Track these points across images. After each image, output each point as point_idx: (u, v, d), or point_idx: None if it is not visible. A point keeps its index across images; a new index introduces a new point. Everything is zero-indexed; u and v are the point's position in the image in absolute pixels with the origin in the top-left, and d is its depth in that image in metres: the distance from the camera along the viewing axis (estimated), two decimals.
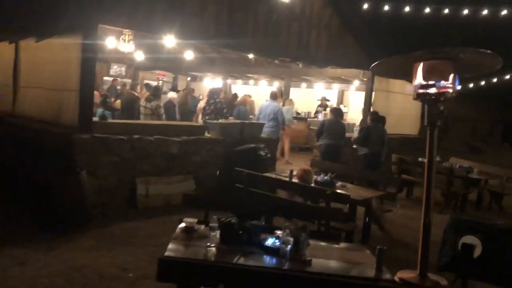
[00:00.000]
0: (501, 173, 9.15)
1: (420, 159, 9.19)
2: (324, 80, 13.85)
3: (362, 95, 11.09)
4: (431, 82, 2.95)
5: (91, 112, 6.27)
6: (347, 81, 12.94)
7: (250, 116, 11.33)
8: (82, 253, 4.74)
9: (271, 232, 3.33)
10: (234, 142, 7.45)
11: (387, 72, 3.44)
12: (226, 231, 3.25)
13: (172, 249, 2.88)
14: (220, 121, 7.82)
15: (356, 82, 12.41)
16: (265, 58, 8.81)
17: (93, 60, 6.10)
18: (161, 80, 14.47)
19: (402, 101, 11.30)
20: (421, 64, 3.02)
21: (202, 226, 3.33)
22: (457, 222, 3.60)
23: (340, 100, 14.41)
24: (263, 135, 8.61)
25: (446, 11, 12.05)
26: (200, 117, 10.04)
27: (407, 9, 11.47)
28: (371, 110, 9.52)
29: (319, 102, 13.85)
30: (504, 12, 12.12)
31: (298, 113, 14.58)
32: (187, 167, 6.90)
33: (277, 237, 3.23)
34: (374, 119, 8.52)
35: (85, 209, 5.40)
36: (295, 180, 5.91)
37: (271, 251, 3.15)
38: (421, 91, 2.96)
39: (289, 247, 3.05)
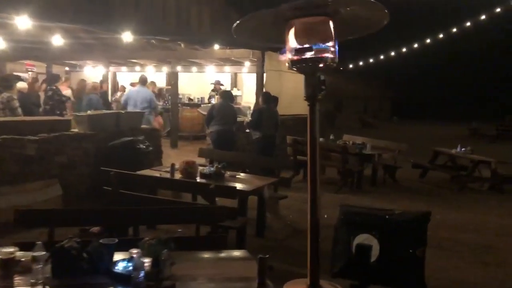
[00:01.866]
0: (392, 147, 9.22)
1: None
2: (215, 63, 13.14)
3: (255, 76, 10.56)
4: (307, 46, 2.30)
5: None
6: (238, 62, 12.35)
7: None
8: None
9: (135, 246, 2.56)
10: (108, 136, 6.45)
11: (257, 36, 2.75)
12: (59, 260, 2.40)
13: None
14: (89, 112, 6.76)
15: (248, 63, 11.86)
16: (139, 37, 7.81)
17: None
18: (31, 71, 12.68)
19: (294, 80, 10.96)
20: (295, 23, 2.37)
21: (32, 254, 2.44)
22: (348, 217, 3.06)
23: (234, 83, 13.84)
24: None
25: None
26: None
27: None
28: (263, 92, 9.00)
29: (212, 87, 13.14)
30: None
31: (190, 99, 13.75)
32: (51, 170, 5.79)
33: (131, 259, 2.47)
34: (266, 100, 7.98)
35: None
36: (178, 175, 5.16)
37: (122, 279, 2.37)
38: (295, 57, 2.31)
39: (142, 272, 2.29)
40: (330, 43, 2.37)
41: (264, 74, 10.01)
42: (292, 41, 2.37)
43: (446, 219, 6.60)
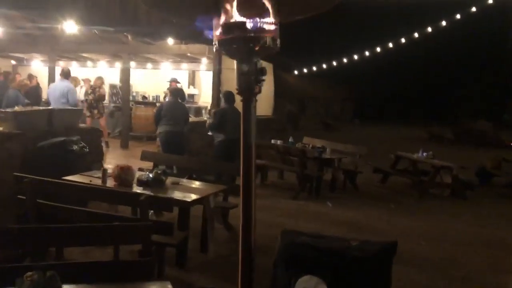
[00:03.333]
0: (353, 151, 8.84)
1: (273, 141, 8.43)
2: (171, 59, 12.44)
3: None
4: (238, 20, 1.74)
5: None
6: (195, 59, 11.71)
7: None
8: None
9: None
10: (39, 136, 5.70)
11: (175, 9, 2.14)
12: None
13: None
14: (16, 108, 5.99)
15: (205, 61, 11.23)
16: (80, 27, 7.06)
17: None
18: None
19: None
20: None
21: None
22: (291, 250, 2.40)
23: (192, 81, 13.17)
24: None
25: None
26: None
27: None
28: (224, 90, 8.39)
29: (168, 85, 12.41)
30: None
31: (145, 97, 12.99)
32: None
33: None
34: (228, 100, 7.36)
35: None
36: (111, 182, 4.51)
37: None
38: (224, 36, 1.74)
39: None
40: (269, 19, 1.83)
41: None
42: (220, 15, 1.83)
43: (408, 228, 6.22)
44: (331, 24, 29.99)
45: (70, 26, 7.71)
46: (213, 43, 1.91)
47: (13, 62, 14.86)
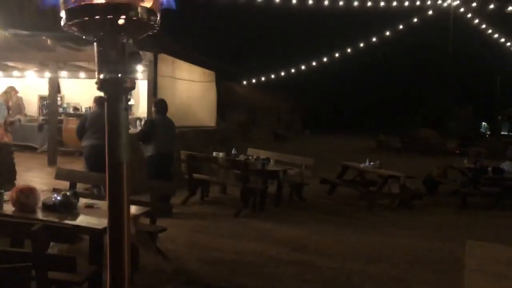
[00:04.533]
0: (299, 161, 8.41)
1: (214, 153, 7.86)
2: None
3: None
4: None
5: None
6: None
7: None
8: None
9: None
10: None
11: None
12: None
13: None
14: None
15: (140, 68, 10.47)
16: None
17: None
18: None
19: (190, 89, 9.90)
20: None
21: None
22: None
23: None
24: None
25: None
26: None
27: None
28: (155, 99, 7.75)
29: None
30: None
31: (76, 108, 12.06)
32: None
33: None
34: (159, 109, 6.71)
35: None
36: (9, 207, 3.77)
37: None
38: (73, 3, 1.15)
39: None
40: None
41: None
42: None
43: (356, 245, 5.81)
44: (278, 34, 30.05)
45: None
46: (60, 16, 1.30)
47: None
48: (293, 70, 30.59)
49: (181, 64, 9.52)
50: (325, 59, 28.41)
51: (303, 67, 30.37)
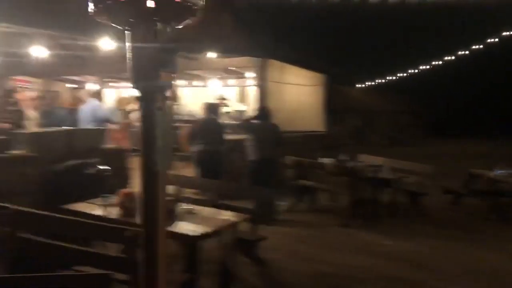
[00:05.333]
0: (417, 168, 7.64)
1: (322, 159, 7.51)
2: (219, 76, 11.94)
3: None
4: None
5: None
6: (242, 74, 11.11)
7: None
8: None
9: None
10: (57, 159, 5.27)
11: None
12: None
13: None
14: (33, 129, 5.64)
15: (251, 75, 10.54)
16: (93, 39, 6.64)
17: None
18: (22, 87, 11.81)
19: (298, 93, 9.68)
20: None
21: None
22: None
23: (241, 97, 12.58)
24: None
25: None
26: None
27: None
28: (259, 105, 7.70)
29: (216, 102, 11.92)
30: None
31: (192, 115, 12.58)
32: None
33: None
34: (261, 115, 6.64)
35: None
36: (116, 210, 3.90)
37: None
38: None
39: None
40: None
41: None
42: None
43: (478, 264, 5.04)
44: (395, 32, 28.44)
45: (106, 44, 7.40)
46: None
47: (71, 85, 15.13)
48: (412, 71, 28.81)
49: (289, 69, 9.38)
50: (446, 58, 26.31)
51: (422, 68, 28.46)
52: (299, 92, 9.73)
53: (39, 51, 8.88)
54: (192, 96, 12.80)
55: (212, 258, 3.92)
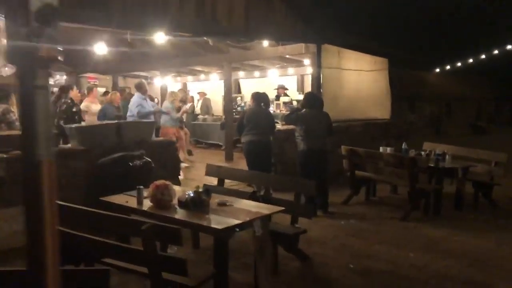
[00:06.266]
0: (488, 157, 6.93)
1: (381, 148, 7.06)
2: (278, 65, 11.71)
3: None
4: None
5: None
6: (299, 62, 10.79)
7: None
8: None
9: None
10: (106, 152, 5.38)
11: None
12: None
13: None
14: (83, 124, 5.81)
15: (308, 62, 10.18)
16: (148, 33, 6.65)
17: None
18: (93, 83, 12.45)
19: (359, 80, 9.17)
20: None
21: None
22: None
23: (300, 86, 12.26)
24: None
25: None
26: None
27: None
28: (306, 92, 7.38)
29: (275, 92, 11.73)
30: None
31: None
32: None
33: None
34: (309, 103, 6.33)
35: None
36: (147, 202, 3.86)
37: None
38: None
39: None
40: None
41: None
42: None
43: None
44: (477, 10, 26.17)
45: (159, 37, 7.48)
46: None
47: (146, 80, 15.70)
48: (496, 52, 26.45)
49: (348, 53, 8.92)
50: None
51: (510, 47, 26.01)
52: (360, 78, 9.23)
53: (102, 49, 9.26)
54: (253, 88, 12.72)
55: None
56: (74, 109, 6.73)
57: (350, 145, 6.99)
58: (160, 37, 7.44)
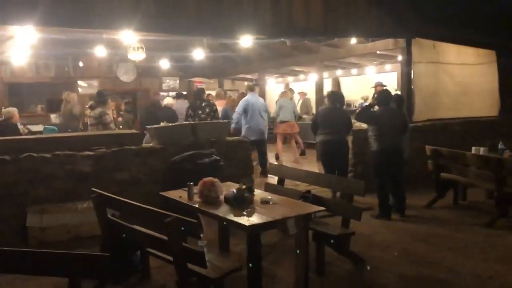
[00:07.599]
0: None
1: (474, 149, 6.46)
2: (376, 62, 11.26)
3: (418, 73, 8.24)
4: None
5: None
6: (395, 57, 10.23)
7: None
8: None
9: None
10: (181, 151, 5.81)
11: None
12: None
13: None
14: (162, 124, 6.29)
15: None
16: (224, 38, 6.90)
17: None
18: (200, 86, 13.28)
19: (461, 74, 8.44)
20: None
21: None
22: None
23: (400, 84, 11.56)
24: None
25: None
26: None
27: None
28: (381, 90, 7.02)
29: (373, 90, 11.28)
30: None
31: (348, 105, 12.22)
32: (109, 187, 5.43)
33: None
34: (382, 100, 6.05)
35: None
36: (196, 197, 4.13)
37: None
38: None
39: None
40: None
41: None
42: None
43: None
44: None
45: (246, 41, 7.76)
46: None
47: (255, 82, 16.31)
48: None
49: (447, 47, 8.25)
50: None
51: None
52: (462, 73, 8.50)
53: (200, 54, 9.94)
54: (352, 85, 12.47)
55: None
56: (214, 108, 7.57)
57: (447, 146, 6.53)
58: (245, 41, 7.72)
